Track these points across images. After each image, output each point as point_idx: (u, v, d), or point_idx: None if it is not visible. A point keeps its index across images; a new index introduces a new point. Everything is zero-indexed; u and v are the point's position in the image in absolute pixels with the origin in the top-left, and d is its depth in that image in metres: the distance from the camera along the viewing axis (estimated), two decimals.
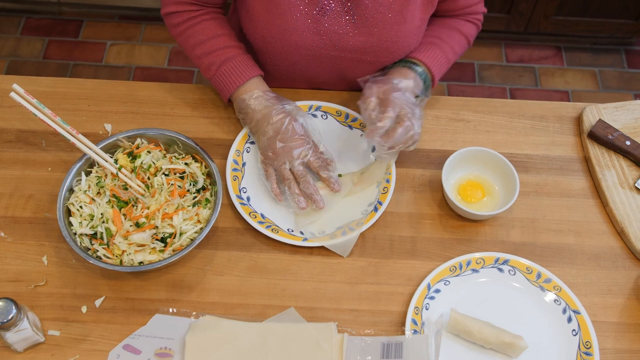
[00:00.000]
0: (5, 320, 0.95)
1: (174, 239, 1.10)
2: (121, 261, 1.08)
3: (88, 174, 1.16)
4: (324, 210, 1.18)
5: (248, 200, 1.20)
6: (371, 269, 1.15)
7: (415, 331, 1.06)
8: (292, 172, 1.19)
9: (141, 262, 1.08)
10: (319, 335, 1.05)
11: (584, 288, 1.14)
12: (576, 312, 1.09)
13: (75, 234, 1.10)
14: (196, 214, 1.13)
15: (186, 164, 1.18)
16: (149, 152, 1.19)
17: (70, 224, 1.11)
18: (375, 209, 1.18)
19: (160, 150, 1.20)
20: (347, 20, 1.22)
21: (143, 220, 1.10)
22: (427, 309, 1.09)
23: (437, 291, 1.11)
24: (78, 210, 1.12)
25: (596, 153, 1.28)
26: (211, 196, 1.16)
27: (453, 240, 1.19)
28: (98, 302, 1.09)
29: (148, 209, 1.11)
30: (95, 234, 1.11)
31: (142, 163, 1.17)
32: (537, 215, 1.22)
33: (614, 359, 1.08)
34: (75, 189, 1.15)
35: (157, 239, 1.10)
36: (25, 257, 1.14)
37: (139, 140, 1.20)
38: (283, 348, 1.04)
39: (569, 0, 2.50)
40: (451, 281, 1.12)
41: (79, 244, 1.09)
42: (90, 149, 1.14)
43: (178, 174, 1.17)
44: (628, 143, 1.26)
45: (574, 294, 1.11)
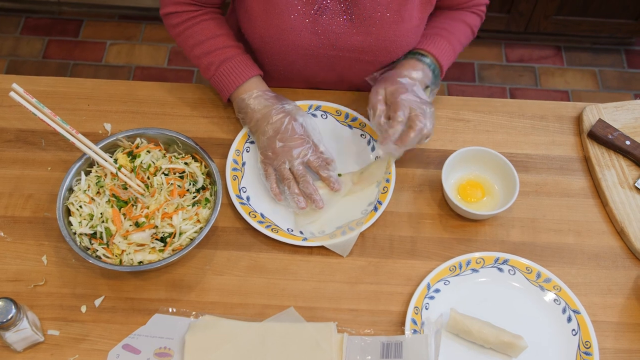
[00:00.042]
0: (4, 320, 0.95)
1: (173, 238, 1.10)
2: (121, 261, 1.08)
3: (88, 173, 1.16)
4: (323, 210, 1.18)
5: (248, 199, 1.20)
6: (371, 269, 1.15)
7: (415, 331, 1.06)
8: (291, 171, 1.18)
9: (141, 262, 1.08)
10: (318, 335, 1.05)
11: (583, 288, 1.14)
12: (576, 311, 1.09)
13: (75, 233, 1.10)
14: (196, 214, 1.13)
15: (186, 163, 1.18)
16: (148, 151, 1.19)
17: (70, 223, 1.11)
18: (375, 209, 1.18)
19: (160, 150, 1.20)
20: (345, 20, 1.22)
21: (143, 219, 1.10)
22: (426, 308, 1.09)
23: (437, 291, 1.11)
24: (78, 209, 1.12)
25: (596, 153, 1.28)
26: (211, 196, 1.16)
27: (453, 240, 1.19)
28: (97, 302, 1.09)
29: (148, 208, 1.11)
30: (95, 233, 1.11)
31: (141, 163, 1.17)
32: (537, 215, 1.22)
33: (613, 359, 1.08)
34: (75, 188, 1.14)
35: (156, 239, 1.10)
36: (25, 257, 1.14)
37: (138, 140, 1.20)
38: (282, 348, 1.04)
39: (569, 0, 2.50)
40: (451, 281, 1.12)
41: (78, 243, 1.09)
42: (89, 148, 1.14)
43: (178, 174, 1.17)
44: (628, 143, 1.26)
45: (573, 294, 1.11)
